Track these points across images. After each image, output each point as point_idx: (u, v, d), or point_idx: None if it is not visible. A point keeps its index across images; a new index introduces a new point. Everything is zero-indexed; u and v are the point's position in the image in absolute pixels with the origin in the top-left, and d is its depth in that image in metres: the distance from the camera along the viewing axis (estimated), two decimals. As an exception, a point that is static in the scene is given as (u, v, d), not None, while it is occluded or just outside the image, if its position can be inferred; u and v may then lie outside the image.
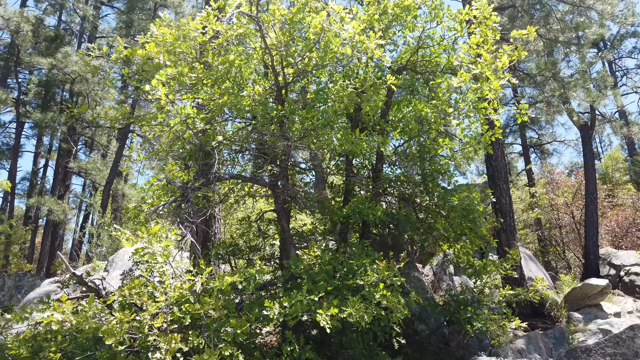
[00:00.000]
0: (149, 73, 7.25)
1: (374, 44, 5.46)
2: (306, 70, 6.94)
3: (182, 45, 7.06)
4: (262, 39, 6.47)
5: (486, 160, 11.56)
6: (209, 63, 7.05)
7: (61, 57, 16.68)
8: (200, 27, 6.82)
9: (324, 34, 5.95)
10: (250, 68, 7.12)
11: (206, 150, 6.93)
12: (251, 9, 6.42)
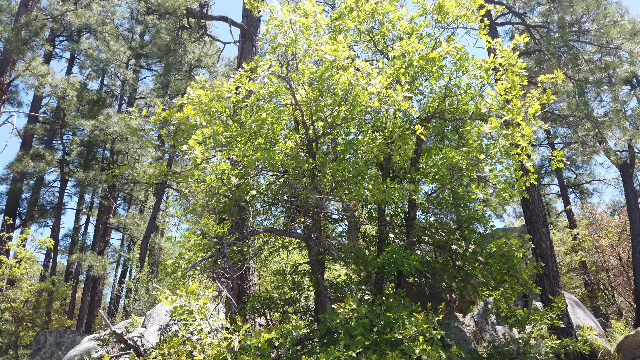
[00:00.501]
0: (185, 132, 7.58)
1: (401, 96, 5.58)
2: (336, 124, 7.12)
3: (217, 105, 7.38)
4: (293, 96, 6.71)
5: (523, 204, 11.31)
6: (242, 121, 7.33)
7: (103, 118, 17.64)
8: (233, 87, 7.15)
9: (352, 89, 6.13)
10: (282, 124, 7.35)
11: (240, 205, 7.08)
12: (281, 69, 6.71)
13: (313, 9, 6.82)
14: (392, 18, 7.26)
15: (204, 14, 11.68)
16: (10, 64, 12.50)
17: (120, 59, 22.21)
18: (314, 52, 6.82)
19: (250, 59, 11.37)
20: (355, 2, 7.10)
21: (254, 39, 11.70)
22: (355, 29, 7.52)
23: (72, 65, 24.04)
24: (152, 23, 23.06)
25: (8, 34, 11.77)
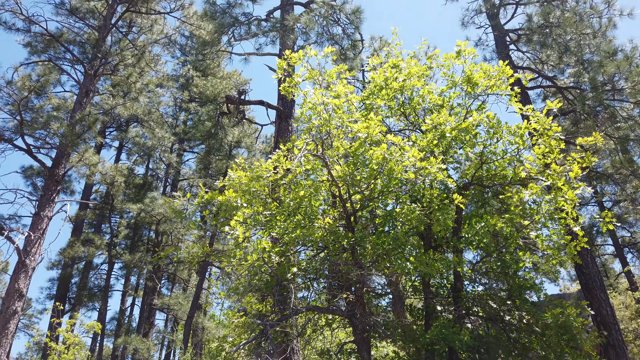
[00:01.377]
0: (227, 213, 7.79)
1: (436, 168, 5.62)
2: (372, 196, 7.17)
3: (256, 185, 7.61)
4: (328, 172, 6.87)
5: (576, 268, 10.74)
6: (281, 199, 7.49)
7: (148, 201, 18.41)
8: (271, 167, 7.40)
9: (386, 163, 6.22)
10: (319, 199, 7.45)
11: (282, 283, 7.06)
12: (317, 148, 6.93)
13: (344, 89, 7.13)
14: (421, 92, 7.47)
15: (242, 100, 12.38)
16: (65, 156, 13.44)
17: (164, 144, 23.52)
18: (347, 130, 7.05)
19: (287, 138, 11.81)
20: (384, 81, 7.39)
21: (289, 119, 12.21)
22: (386, 106, 7.76)
23: (120, 153, 25.58)
24: (195, 109, 24.53)
25: (64, 130, 12.77)
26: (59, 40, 15.69)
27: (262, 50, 13.75)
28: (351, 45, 12.57)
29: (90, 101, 15.48)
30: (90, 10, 17.14)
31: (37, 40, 15.99)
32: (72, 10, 16.49)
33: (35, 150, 13.42)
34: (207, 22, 15.04)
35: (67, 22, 16.94)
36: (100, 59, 15.79)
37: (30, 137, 13.61)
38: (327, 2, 11.80)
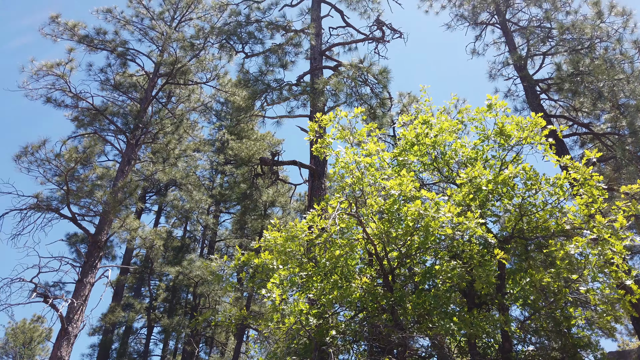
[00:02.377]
0: (263, 274, 7.77)
1: (474, 222, 5.49)
2: (410, 253, 7.02)
3: (292, 245, 7.61)
4: (363, 230, 6.81)
5: (634, 322, 10.01)
6: (317, 259, 7.43)
7: (186, 264, 18.61)
8: (306, 227, 7.41)
9: (422, 219, 6.14)
10: (355, 259, 7.36)
11: (321, 348, 6.86)
12: (351, 206, 6.93)
13: (375, 147, 7.21)
14: (454, 146, 7.47)
15: (275, 161, 12.67)
16: (107, 223, 13.90)
17: (202, 206, 24.05)
18: (380, 187, 7.05)
19: (320, 196, 11.88)
20: (415, 137, 7.45)
21: (322, 178, 12.34)
22: (419, 161, 7.77)
23: (159, 217, 26.26)
24: (230, 172, 25.18)
25: (107, 198, 13.30)
26: (104, 113, 16.68)
27: (294, 113, 14.18)
28: (380, 103, 12.82)
29: (131, 169, 16.17)
30: (132, 84, 18.28)
31: (84, 115, 17.06)
32: (116, 85, 17.63)
33: (80, 218, 13.95)
34: (241, 89, 15.75)
35: (111, 97, 18.08)
36: (141, 129, 16.63)
37: (76, 206, 14.20)
38: (355, 64, 12.21)
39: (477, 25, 17.25)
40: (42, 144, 13.60)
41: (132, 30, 18.20)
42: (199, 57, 17.56)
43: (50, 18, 16.10)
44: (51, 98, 15.82)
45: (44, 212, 13.43)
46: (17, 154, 13.31)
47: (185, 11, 18.96)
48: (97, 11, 17.59)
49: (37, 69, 15.23)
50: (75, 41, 16.53)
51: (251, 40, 15.28)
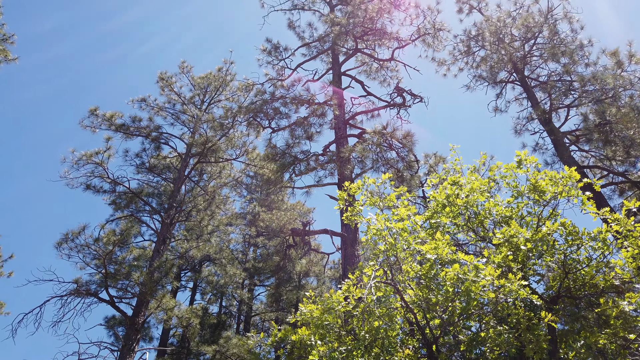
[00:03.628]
0: (301, 350, 7.54)
1: (517, 284, 5.28)
2: (452, 321, 6.73)
3: (329, 317, 7.42)
4: (401, 299, 6.61)
5: None
6: (356, 331, 7.20)
7: (223, 342, 18.26)
8: (342, 298, 7.26)
9: (461, 284, 5.94)
10: (396, 329, 7.09)
11: None
12: (386, 273, 6.79)
13: (406, 211, 7.16)
14: (487, 206, 7.35)
15: (307, 231, 12.70)
16: (144, 304, 13.96)
17: (236, 280, 23.95)
18: (414, 252, 6.92)
19: (354, 264, 11.72)
20: (446, 199, 7.39)
21: (355, 245, 12.23)
22: (452, 223, 7.65)
23: (195, 293, 26.21)
24: (262, 243, 25.25)
25: (143, 279, 13.47)
26: (140, 195, 17.30)
27: (322, 182, 14.38)
28: (406, 166, 12.91)
29: (167, 248, 16.44)
30: (166, 165, 19.05)
31: (121, 198, 17.73)
32: (151, 167, 18.40)
33: (118, 301, 14.08)
34: (270, 163, 16.18)
35: (146, 179, 18.84)
36: (175, 208, 17.09)
37: (113, 289, 14.39)
38: (378, 131, 12.47)
39: (496, 84, 17.54)
40: (81, 229, 14.09)
41: (165, 116, 19.26)
42: (228, 136, 18.29)
43: (89, 111, 17.26)
44: (90, 185, 16.57)
45: (83, 297, 13.64)
46: (58, 242, 13.79)
47: (214, 94, 20.03)
48: (133, 101, 18.79)
49: (77, 158, 16.13)
50: (112, 130, 17.56)
51: (277, 115, 15.90)
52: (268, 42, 16.88)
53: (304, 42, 17.40)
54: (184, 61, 20.42)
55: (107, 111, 17.64)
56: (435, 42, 16.60)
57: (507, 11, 17.26)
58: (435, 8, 16.06)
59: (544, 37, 16.06)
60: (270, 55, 16.88)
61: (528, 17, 15.74)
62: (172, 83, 19.80)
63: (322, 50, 17.27)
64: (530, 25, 15.65)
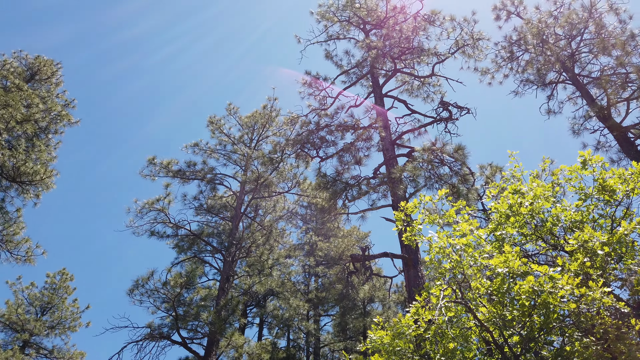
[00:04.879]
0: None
1: (599, 292, 4.95)
2: (533, 336, 6.37)
3: (400, 343, 7.23)
4: (474, 317, 6.35)
5: None
6: (430, 355, 6.96)
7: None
8: (411, 322, 7.06)
9: (538, 296, 5.64)
10: (472, 350, 6.79)
11: None
12: (455, 292, 6.57)
13: (468, 226, 6.95)
14: (554, 212, 7.02)
15: (366, 256, 12.56)
16: (215, 343, 14.19)
17: (300, 312, 23.91)
18: (482, 267, 6.67)
19: (419, 285, 11.43)
20: (509, 208, 7.12)
21: (417, 266, 11.95)
22: (518, 233, 7.35)
23: (262, 329, 26.36)
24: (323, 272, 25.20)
25: (212, 318, 13.73)
26: (200, 237, 17.83)
27: (376, 205, 14.27)
28: (461, 180, 12.59)
29: (231, 285, 16.75)
30: (223, 205, 19.61)
31: (183, 241, 18.35)
32: (209, 209, 19.00)
33: (189, 342, 14.40)
34: (321, 191, 16.27)
35: (205, 220, 19.44)
36: (235, 245, 17.46)
37: (184, 330, 14.76)
38: (427, 148, 12.30)
39: (546, 86, 16.96)
40: (150, 275, 14.64)
41: (218, 157, 19.94)
42: (279, 169, 18.64)
43: (147, 160, 18.19)
44: (154, 231, 17.29)
45: (157, 340, 14.05)
46: (130, 288, 14.38)
47: (261, 131, 20.59)
48: (186, 147, 19.63)
49: (140, 207, 16.93)
50: (170, 177, 18.36)
51: (324, 144, 16.07)
52: (308, 75, 17.25)
53: (342, 69, 17.65)
54: (230, 103, 21.23)
55: (164, 159, 18.52)
56: (476, 52, 16.35)
57: (548, 11, 16.79)
58: (472, 19, 15.90)
59: (591, 32, 15.44)
60: (311, 87, 17.21)
61: (571, 14, 15.24)
62: (221, 125, 20.56)
63: (361, 76, 17.43)
64: (574, 22, 15.12)
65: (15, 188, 16.26)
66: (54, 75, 18.66)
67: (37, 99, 16.91)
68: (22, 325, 22.50)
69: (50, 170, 16.48)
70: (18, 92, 16.04)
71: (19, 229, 15.86)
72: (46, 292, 24.37)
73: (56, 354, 23.29)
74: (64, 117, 18.11)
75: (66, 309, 24.35)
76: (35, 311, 23.90)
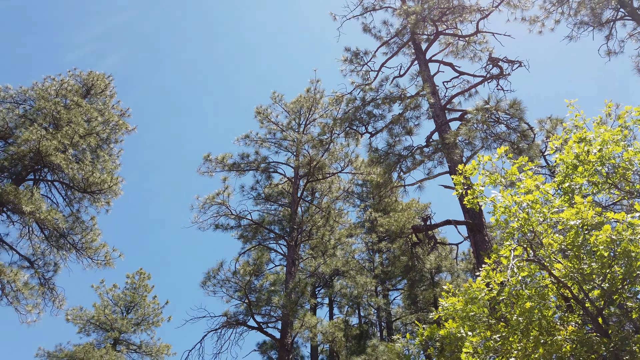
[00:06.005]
0: (452, 345, 7.30)
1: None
2: (616, 288, 6.06)
3: (473, 308, 7.12)
4: (550, 274, 6.13)
5: None
6: (507, 317, 6.81)
7: (370, 350, 18.38)
8: (483, 285, 6.92)
9: (617, 245, 5.35)
10: (551, 308, 6.57)
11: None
12: (526, 251, 6.36)
13: (533, 182, 6.67)
14: (626, 157, 6.59)
15: (429, 226, 12.39)
16: (289, 325, 14.61)
17: (368, 289, 24.07)
18: (552, 223, 6.40)
19: (486, 249, 11.15)
20: (576, 159, 6.76)
21: (483, 230, 11.66)
22: (589, 183, 6.96)
23: (332, 308, 26.80)
24: (386, 247, 25.17)
25: (283, 301, 14.11)
26: (262, 225, 18.29)
27: (433, 173, 13.99)
28: (520, 137, 12.06)
29: (297, 269, 17.11)
30: (279, 192, 19.96)
31: (246, 231, 18.89)
32: (267, 197, 19.41)
33: (264, 326, 14.91)
34: (375, 167, 16.16)
35: (264, 208, 19.90)
36: (296, 230, 17.76)
37: (258, 315, 15.30)
38: (481, 107, 11.85)
39: (603, 26, 15.81)
40: (219, 266, 15.23)
41: (269, 146, 20.25)
42: (330, 150, 18.66)
43: (203, 158, 18.77)
44: (218, 224, 17.91)
45: (234, 327, 14.66)
46: (202, 280, 15.04)
47: (308, 115, 20.66)
48: (238, 140, 20.07)
49: (202, 203, 17.56)
50: (226, 170, 18.88)
51: (372, 119, 15.89)
52: (347, 51, 17.04)
53: (382, 41, 17.27)
54: (275, 91, 21.39)
55: (219, 154, 19.05)
56: (522, 1, 15.46)
57: (596, -57, 15.55)
58: (513, -35, 15.01)
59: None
60: (352, 63, 16.99)
61: (622, -58, 14.02)
62: (268, 114, 20.81)
63: (402, 44, 16.99)
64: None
65: (87, 198, 17.32)
66: (107, 87, 19.57)
67: (96, 112, 17.83)
68: (110, 325, 24.18)
69: (116, 178, 17.40)
70: (78, 109, 16.97)
71: (96, 236, 16.91)
72: (128, 292, 26.00)
73: (144, 348, 24.89)
74: (121, 126, 19.01)
75: (147, 305, 25.88)
76: (121, 310, 25.58)
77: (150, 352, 24.82)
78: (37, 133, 14.43)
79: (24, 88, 17.54)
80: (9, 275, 13.40)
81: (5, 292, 13.79)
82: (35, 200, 14.12)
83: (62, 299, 16.01)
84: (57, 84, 18.06)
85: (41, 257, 16.28)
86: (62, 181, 16.89)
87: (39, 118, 16.08)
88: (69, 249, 16.41)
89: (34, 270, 15.68)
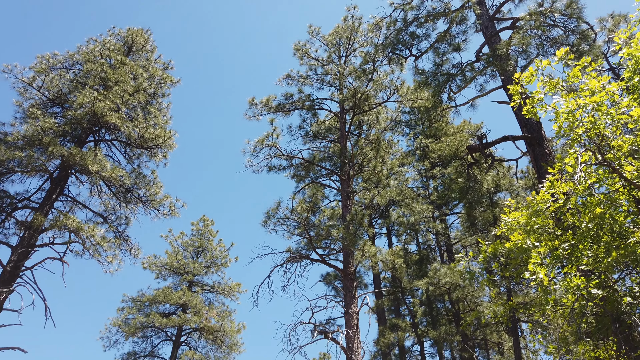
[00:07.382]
0: (517, 259, 7.27)
1: None
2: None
3: (538, 220, 6.98)
4: (621, 177, 5.85)
5: None
6: (576, 224, 6.63)
7: (432, 274, 18.69)
8: (547, 196, 6.72)
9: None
10: (622, 212, 6.32)
11: (620, 318, 5.99)
12: (595, 155, 6.06)
13: (597, 82, 6.23)
14: None
15: (484, 144, 12.00)
16: (350, 255, 15.02)
17: (425, 215, 24.13)
18: (620, 125, 6.01)
19: (548, 161, 10.74)
20: (645, 51, 6.20)
21: (543, 142, 11.17)
22: (662, 75, 6.42)
23: (390, 237, 27.24)
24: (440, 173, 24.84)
25: (342, 233, 14.43)
26: (314, 162, 18.42)
27: (485, 90, 13.36)
28: (580, 38, 11.14)
29: (352, 202, 17.29)
30: (327, 128, 19.86)
31: (299, 170, 19.13)
32: (315, 135, 19.39)
33: (327, 258, 15.40)
34: (422, 91, 15.63)
35: (314, 146, 19.93)
36: (347, 164, 17.79)
37: (320, 248, 15.77)
38: (534, 11, 10.96)
39: None
40: (277, 205, 15.64)
41: (311, 83, 19.94)
42: (374, 79, 18.14)
43: (248, 102, 18.81)
44: (271, 166, 18.24)
45: (298, 261, 15.26)
46: (263, 220, 15.58)
47: (347, 45, 19.99)
48: (280, 80, 19.88)
49: (253, 146, 17.84)
50: (272, 112, 18.90)
51: (415, 40, 15.19)
52: (383, -30, 16.04)
53: (418, -46, 16.08)
54: (311, 25, 20.71)
55: (262, 97, 19.02)
56: None
57: None
58: None
59: None
60: (390, -17, 16.04)
61: None
62: (307, 50, 20.31)
63: (441, -46, 15.76)
64: None
65: (145, 154, 18.03)
66: (147, 42, 19.69)
67: (140, 69, 18.10)
68: (184, 269, 25.88)
69: (169, 132, 17.91)
70: (123, 67, 17.29)
71: (159, 189, 17.73)
72: (195, 238, 27.50)
73: (217, 287, 26.61)
74: (166, 79, 19.26)
75: (214, 249, 27.36)
76: (191, 255, 27.24)
77: (223, 291, 26.52)
78: (90, 95, 14.92)
79: (70, 52, 17.97)
80: (87, 231, 14.43)
81: (87, 247, 14.93)
82: (99, 160, 14.86)
83: (138, 249, 17.16)
84: (100, 45, 18.36)
85: (112, 212, 17.36)
86: (120, 139, 17.59)
87: (89, 80, 16.55)
88: (136, 203, 17.37)
89: (108, 225, 16.79)
